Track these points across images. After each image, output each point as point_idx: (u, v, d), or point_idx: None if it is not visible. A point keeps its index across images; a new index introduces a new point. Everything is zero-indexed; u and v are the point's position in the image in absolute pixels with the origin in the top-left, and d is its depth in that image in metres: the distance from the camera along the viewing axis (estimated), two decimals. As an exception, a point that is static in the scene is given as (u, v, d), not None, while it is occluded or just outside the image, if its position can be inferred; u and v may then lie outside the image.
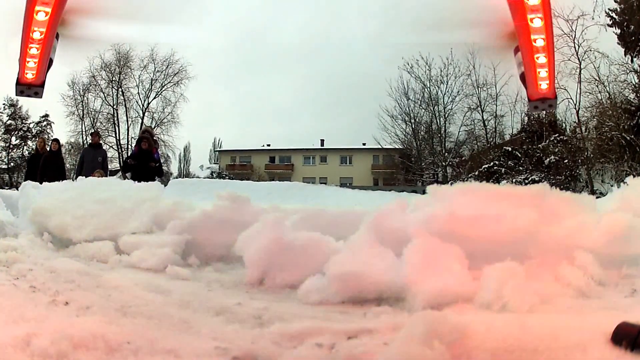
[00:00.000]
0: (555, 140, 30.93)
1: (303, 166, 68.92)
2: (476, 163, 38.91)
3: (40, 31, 5.17)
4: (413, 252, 4.29)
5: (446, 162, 49.15)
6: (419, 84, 52.38)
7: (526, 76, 5.31)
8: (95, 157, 14.69)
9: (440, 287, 4.03)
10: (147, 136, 15.30)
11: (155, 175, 14.74)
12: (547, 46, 5.00)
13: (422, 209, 4.77)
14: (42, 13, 5.02)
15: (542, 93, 5.40)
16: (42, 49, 5.34)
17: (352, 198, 12.54)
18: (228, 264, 5.81)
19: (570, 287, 4.33)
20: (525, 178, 29.53)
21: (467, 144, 51.03)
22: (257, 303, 4.15)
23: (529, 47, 5.01)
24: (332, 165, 68.01)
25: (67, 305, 3.77)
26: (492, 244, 4.40)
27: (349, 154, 68.65)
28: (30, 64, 5.51)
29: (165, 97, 58.37)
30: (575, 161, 28.27)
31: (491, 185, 5.27)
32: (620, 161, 23.49)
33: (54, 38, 5.43)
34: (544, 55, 5.05)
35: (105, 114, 57.37)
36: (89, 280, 4.82)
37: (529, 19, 4.82)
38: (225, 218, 6.03)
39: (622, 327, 2.78)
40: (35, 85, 5.71)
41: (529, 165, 31.18)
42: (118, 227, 6.55)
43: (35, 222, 7.03)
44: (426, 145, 53.12)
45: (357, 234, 4.69)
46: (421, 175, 52.09)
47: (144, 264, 5.66)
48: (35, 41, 5.24)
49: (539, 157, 30.77)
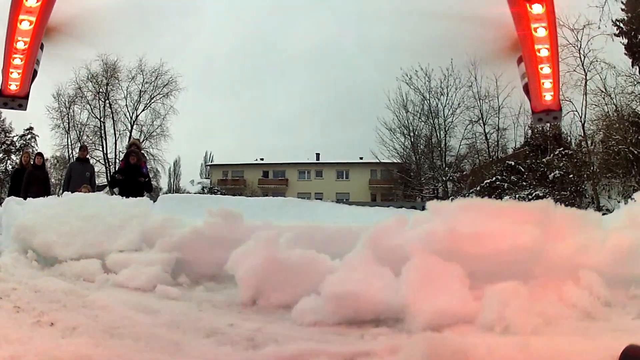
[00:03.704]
0: (560, 155, 30.88)
1: (298, 181, 68.84)
2: (478, 178, 38.89)
3: (24, 41, 5.15)
4: (412, 271, 4.28)
5: (447, 176, 49.00)
6: (419, 95, 52.21)
7: (530, 87, 5.31)
8: (83, 171, 14.59)
9: (440, 307, 4.03)
10: (135, 150, 15.05)
11: (143, 190, 14.56)
12: (551, 56, 5.01)
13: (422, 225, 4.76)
14: (26, 22, 5.00)
15: (547, 105, 5.41)
16: (26, 60, 5.32)
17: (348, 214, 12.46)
18: (220, 283, 5.80)
19: (575, 308, 4.32)
20: (529, 194, 29.47)
21: (468, 158, 50.92)
22: (250, 324, 4.14)
23: (533, 57, 5.02)
24: (328, 180, 67.91)
25: (52, 326, 3.78)
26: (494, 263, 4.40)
27: (345, 169, 68.56)
28: (14, 75, 5.48)
29: (154, 109, 58.09)
30: (580, 176, 28.22)
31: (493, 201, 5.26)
32: (627, 176, 23.46)
33: (39, 48, 5.42)
34: (548, 65, 5.07)
35: (92, 127, 56.91)
36: (75, 300, 4.78)
37: (532, 29, 4.83)
38: (217, 235, 6.01)
39: (630, 350, 2.78)
40: (19, 97, 5.69)
41: (532, 180, 31.11)
42: (105, 245, 6.50)
43: (19, 240, 6.93)
44: (426, 160, 52.91)
45: (354, 252, 4.69)
46: (420, 190, 51.93)
47: (132, 283, 5.63)
48: (19, 51, 5.22)
49: (543, 171, 30.71)
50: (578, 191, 27.89)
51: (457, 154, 51.53)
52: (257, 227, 5.84)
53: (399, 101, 53.29)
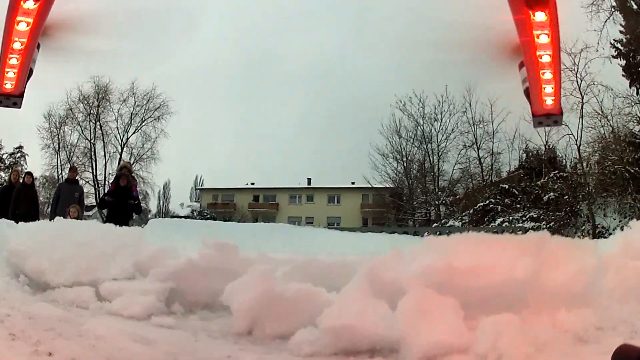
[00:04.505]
0: (555, 177, 31.02)
1: (289, 205, 68.77)
2: (471, 201, 39.02)
3: (21, 41, 5.23)
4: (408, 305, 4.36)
5: (439, 200, 49.12)
6: (412, 121, 52.38)
7: (531, 92, 5.40)
8: (72, 192, 14.64)
9: (435, 338, 4.12)
10: (126, 173, 15.20)
11: (133, 212, 15.08)
12: (553, 62, 5.11)
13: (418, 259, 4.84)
14: (23, 23, 5.10)
15: (547, 108, 5.51)
16: (22, 59, 5.40)
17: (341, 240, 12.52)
18: (214, 311, 5.84)
19: (568, 333, 4.41)
20: (523, 215, 29.59)
21: (461, 182, 51.07)
22: (248, 355, 4.19)
23: (535, 62, 5.11)
24: (319, 204, 67.88)
25: (50, 357, 3.77)
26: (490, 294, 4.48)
27: (337, 193, 68.52)
28: (10, 74, 5.56)
29: (145, 132, 58.06)
30: (575, 197, 28.35)
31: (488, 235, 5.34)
32: (624, 194, 23.61)
33: (35, 48, 5.50)
34: (549, 71, 5.16)
35: (82, 148, 56.68)
36: (70, 328, 4.78)
37: (535, 35, 4.94)
38: (212, 266, 6.05)
39: (622, 350, 2.84)
40: (14, 95, 5.76)
41: (526, 203, 31.25)
42: (98, 272, 6.50)
43: (10, 264, 6.92)
44: (418, 184, 53.06)
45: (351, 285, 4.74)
46: (412, 214, 52.01)
47: (127, 312, 5.66)
48: (15, 51, 5.31)
49: (537, 194, 30.85)
50: (573, 211, 28.00)
51: (450, 178, 51.74)
52: (253, 259, 5.89)
53: (392, 127, 53.49)
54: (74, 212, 13.21)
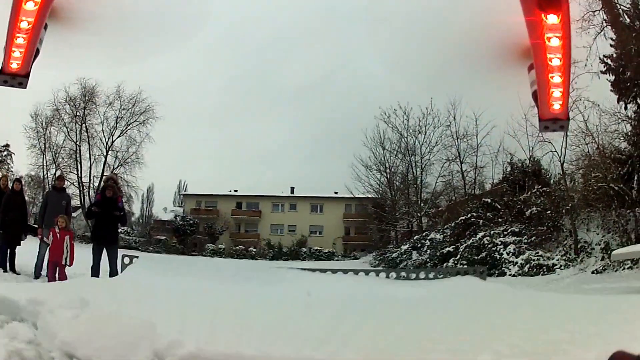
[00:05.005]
0: (538, 192, 31.06)
1: (272, 213, 68.82)
2: (453, 214, 39.05)
3: (28, 21, 5.16)
4: None
5: (422, 212, 49.18)
6: (396, 134, 52.65)
7: (539, 95, 5.34)
8: (59, 201, 14.50)
9: None
10: (112, 184, 15.29)
11: (118, 223, 15.06)
12: (563, 66, 5.06)
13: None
14: (31, 2, 5.03)
15: (555, 113, 5.46)
16: (29, 39, 5.29)
17: (320, 283, 12.10)
18: None
19: None
20: (504, 230, 29.60)
21: (444, 194, 51.19)
22: None
23: (545, 65, 5.05)
24: (302, 213, 67.94)
25: None
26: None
27: (319, 202, 68.64)
28: (16, 54, 5.45)
29: (130, 136, 58.42)
30: (558, 211, 28.37)
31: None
32: (608, 209, 23.67)
33: (42, 28, 5.45)
34: (559, 75, 5.10)
35: (68, 150, 56.81)
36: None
37: (546, 38, 4.92)
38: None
39: (617, 356, 2.83)
40: (20, 75, 5.69)
41: (508, 217, 31.24)
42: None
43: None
44: (401, 195, 53.14)
45: None
46: (395, 225, 52.10)
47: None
48: (22, 31, 5.23)
49: (519, 208, 30.86)
50: (555, 226, 27.96)
51: (433, 191, 51.89)
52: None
53: (376, 139, 53.67)
54: (62, 223, 13.10)
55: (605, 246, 23.82)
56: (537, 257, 26.00)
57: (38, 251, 14.04)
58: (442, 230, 36.46)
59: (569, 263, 24.87)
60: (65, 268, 13.00)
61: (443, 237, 35.29)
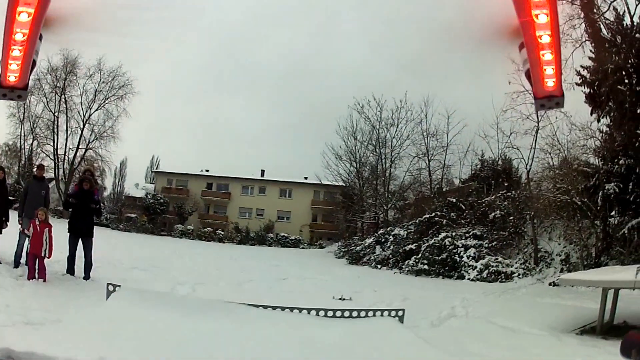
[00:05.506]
0: (503, 196, 31.07)
1: (241, 196, 68.62)
2: (419, 210, 39.04)
3: (23, 32, 5.05)
4: None
5: (388, 205, 49.24)
6: (368, 125, 52.62)
7: (532, 74, 5.32)
8: (39, 190, 14.57)
9: None
10: (89, 176, 15.70)
11: (94, 215, 15.36)
12: (553, 42, 5.02)
13: None
14: (24, 14, 4.93)
15: (549, 90, 5.44)
16: (25, 51, 5.19)
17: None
18: None
19: None
20: (467, 232, 29.55)
21: (412, 189, 51.22)
22: None
23: (535, 43, 5.05)
24: (271, 197, 67.80)
25: None
26: None
27: (289, 187, 68.54)
28: (13, 66, 5.35)
29: (107, 110, 57.85)
30: (521, 218, 28.41)
31: None
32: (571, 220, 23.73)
33: (38, 39, 5.36)
34: (550, 52, 5.06)
35: (46, 121, 56.19)
36: None
37: (534, 15, 4.89)
38: None
39: (631, 337, 2.87)
40: (18, 88, 5.60)
41: (472, 219, 31.21)
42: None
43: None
44: (369, 187, 53.25)
45: None
46: (362, 216, 52.21)
47: None
48: (17, 43, 5.12)
49: (483, 210, 30.84)
50: (517, 232, 28.02)
51: (401, 184, 51.99)
52: None
53: (349, 128, 53.63)
54: (42, 215, 13.18)
55: (565, 257, 23.95)
56: (496, 263, 25.95)
57: (18, 240, 14.01)
58: (407, 227, 36.39)
59: (527, 272, 24.89)
60: (45, 259, 12.99)
61: (407, 234, 35.01)
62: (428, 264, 28.38)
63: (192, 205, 64.63)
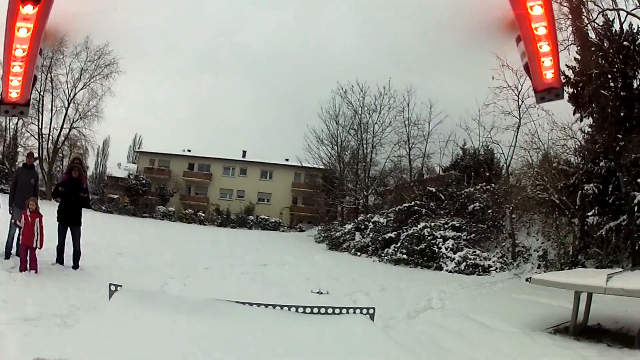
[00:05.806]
0: (482, 189, 31.03)
1: (222, 177, 68.50)
2: (399, 197, 39.00)
3: (23, 48, 5.13)
4: None
5: (369, 190, 49.40)
6: (351, 110, 52.71)
7: (530, 66, 5.40)
8: (28, 178, 14.71)
9: None
10: (78, 165, 15.78)
11: (83, 204, 15.40)
12: (549, 34, 5.10)
13: None
14: (23, 29, 5.02)
15: (548, 82, 5.51)
16: (25, 67, 5.27)
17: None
18: None
19: None
20: (446, 223, 29.52)
21: (392, 175, 51.36)
22: None
23: (531, 35, 5.11)
24: (252, 178, 67.74)
25: None
26: None
27: (270, 169, 68.50)
28: (14, 83, 5.43)
29: (92, 89, 57.10)
30: (500, 211, 28.45)
31: None
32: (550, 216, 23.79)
33: (38, 54, 5.42)
34: (547, 43, 5.14)
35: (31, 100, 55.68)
36: None
37: (528, 7, 4.97)
38: None
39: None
40: (20, 104, 5.67)
41: (451, 209, 31.21)
42: None
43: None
44: (350, 171, 53.51)
45: None
46: (342, 201, 52.36)
47: None
48: (17, 59, 5.19)
49: (463, 202, 30.84)
50: (495, 226, 28.09)
51: (382, 170, 52.20)
52: None
53: (331, 112, 53.65)
54: (33, 206, 13.29)
55: (543, 254, 24.20)
56: (474, 256, 26.11)
57: (8, 231, 14.12)
58: (387, 215, 36.44)
59: (505, 266, 25.05)
60: (36, 250, 13.09)
61: (386, 222, 35.10)
62: (407, 254, 28.47)
63: (174, 187, 64.51)
